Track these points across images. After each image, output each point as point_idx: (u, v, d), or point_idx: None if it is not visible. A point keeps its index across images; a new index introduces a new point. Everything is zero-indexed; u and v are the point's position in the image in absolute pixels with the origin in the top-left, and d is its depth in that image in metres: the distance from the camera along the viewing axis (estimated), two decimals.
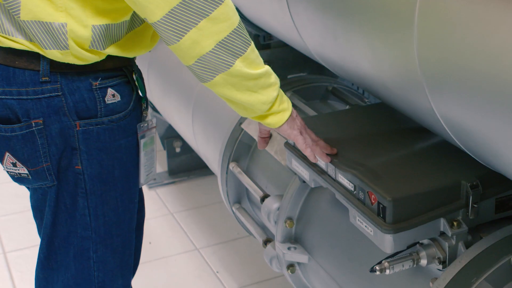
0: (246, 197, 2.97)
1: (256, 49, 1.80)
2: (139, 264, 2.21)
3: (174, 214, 3.92)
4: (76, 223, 1.94)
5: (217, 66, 1.74)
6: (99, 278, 2.00)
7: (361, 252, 2.17)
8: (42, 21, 1.74)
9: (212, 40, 1.71)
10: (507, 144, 1.49)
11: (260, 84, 1.80)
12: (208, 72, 1.76)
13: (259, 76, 1.79)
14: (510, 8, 1.34)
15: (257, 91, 1.81)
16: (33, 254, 2.88)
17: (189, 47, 1.71)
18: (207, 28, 1.69)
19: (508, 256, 1.78)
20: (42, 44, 1.77)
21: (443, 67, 1.55)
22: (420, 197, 1.83)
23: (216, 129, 3.01)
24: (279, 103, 1.87)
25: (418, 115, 1.85)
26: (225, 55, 1.73)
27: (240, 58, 1.75)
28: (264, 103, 1.83)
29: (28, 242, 3.62)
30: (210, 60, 1.73)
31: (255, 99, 1.82)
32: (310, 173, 2.13)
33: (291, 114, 1.92)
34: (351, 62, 2.01)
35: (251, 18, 2.76)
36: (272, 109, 1.87)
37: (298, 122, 1.95)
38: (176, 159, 4.22)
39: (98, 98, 1.85)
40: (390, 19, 1.70)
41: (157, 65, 3.63)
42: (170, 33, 1.70)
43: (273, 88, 1.83)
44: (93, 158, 1.89)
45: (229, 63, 1.74)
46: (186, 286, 3.34)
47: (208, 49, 1.72)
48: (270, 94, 1.83)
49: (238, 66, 1.75)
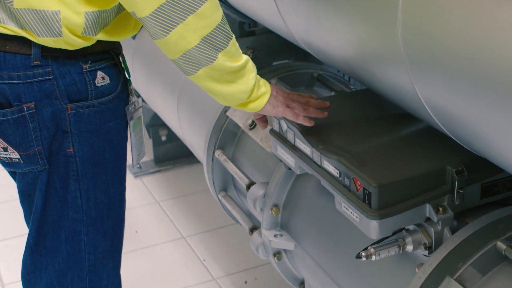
0: (232, 185, 2.96)
1: (236, 42, 1.83)
2: (126, 252, 2.21)
3: (160, 203, 3.91)
4: (67, 206, 1.95)
5: (201, 60, 1.78)
6: (90, 261, 2.02)
7: (347, 238, 2.17)
8: (36, 9, 1.75)
9: (197, 35, 1.74)
10: (491, 129, 1.49)
11: (239, 75, 1.84)
12: (192, 66, 1.79)
13: (239, 68, 1.83)
14: None
15: (236, 81, 1.84)
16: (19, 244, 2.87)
17: (175, 42, 1.74)
18: (193, 23, 1.72)
19: (493, 241, 1.78)
20: (35, 32, 1.78)
21: (427, 51, 1.55)
22: (406, 183, 1.83)
23: (202, 117, 3.01)
24: (257, 89, 1.90)
25: (403, 101, 1.85)
26: (208, 49, 1.77)
27: (222, 52, 1.78)
28: (243, 92, 1.87)
29: (14, 232, 3.60)
30: (195, 55, 1.76)
31: (234, 89, 1.85)
32: (295, 160, 2.13)
33: (271, 93, 1.94)
34: (335, 47, 2.00)
35: (236, 5, 2.75)
36: (251, 96, 1.90)
37: (280, 97, 1.98)
38: (162, 147, 4.22)
39: (89, 81, 1.87)
40: (374, 3, 1.70)
41: (142, 53, 3.62)
42: (158, 28, 1.72)
43: (250, 76, 1.87)
44: (84, 141, 1.90)
45: (213, 57, 1.78)
46: (173, 275, 3.34)
47: (194, 44, 1.75)
48: (248, 82, 1.86)
49: (220, 60, 1.79)
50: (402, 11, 1.58)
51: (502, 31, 1.33)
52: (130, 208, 3.74)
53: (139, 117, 2.07)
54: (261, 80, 1.93)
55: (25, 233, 2.06)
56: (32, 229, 1.99)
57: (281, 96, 1.98)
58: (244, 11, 2.75)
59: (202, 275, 3.32)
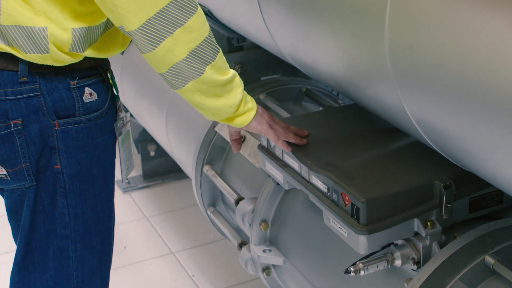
0: (221, 200, 2.96)
1: (223, 56, 1.84)
2: (114, 268, 2.21)
3: (149, 218, 3.90)
4: (55, 222, 1.94)
5: (189, 73, 1.78)
6: (78, 277, 2.01)
7: (335, 253, 2.17)
8: (22, 26, 1.75)
9: (185, 49, 1.74)
10: (478, 144, 1.49)
11: (227, 89, 1.85)
12: (180, 79, 1.79)
13: (227, 82, 1.84)
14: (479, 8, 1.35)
15: (224, 95, 1.85)
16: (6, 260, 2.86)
17: (163, 55, 1.74)
18: (181, 37, 1.72)
19: (482, 256, 1.78)
20: (22, 48, 1.77)
21: (414, 67, 1.55)
22: (394, 198, 1.83)
23: (190, 132, 3.00)
24: (244, 104, 1.91)
25: (391, 116, 1.85)
26: (196, 63, 1.77)
27: (210, 65, 1.79)
28: (230, 106, 1.87)
29: (2, 248, 3.59)
30: (183, 68, 1.77)
31: (221, 104, 1.85)
32: (284, 175, 2.13)
33: (257, 110, 1.95)
34: (323, 63, 2.01)
35: (224, 20, 2.76)
36: (238, 110, 1.91)
37: (265, 116, 1.99)
38: (151, 162, 4.21)
39: (76, 97, 1.86)
40: (361, 20, 1.70)
41: (131, 68, 3.62)
42: (146, 42, 1.72)
43: (238, 91, 1.87)
44: (72, 157, 1.90)
45: (200, 70, 1.78)
46: None
47: (181, 57, 1.75)
48: (235, 97, 1.87)
49: (208, 73, 1.79)
50: (389, 27, 1.59)
51: (487, 47, 1.33)
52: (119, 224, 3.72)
53: (128, 132, 2.07)
54: (248, 96, 1.93)
55: (13, 250, 2.05)
56: (20, 245, 1.98)
57: (266, 115, 2.00)
58: (232, 26, 2.75)
59: None
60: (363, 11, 1.69)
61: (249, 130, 1.99)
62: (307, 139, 2.09)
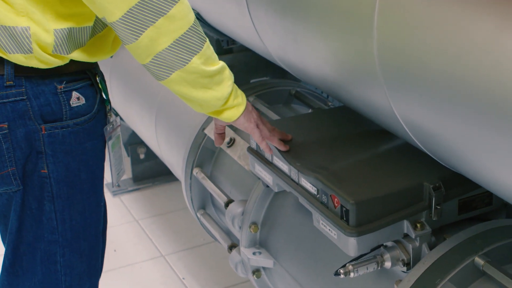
0: (211, 203, 2.96)
1: (211, 46, 1.82)
2: (105, 272, 2.20)
3: (139, 221, 3.89)
4: (42, 227, 1.93)
5: (173, 63, 1.76)
6: (67, 282, 2.00)
7: (325, 255, 2.17)
8: (5, 26, 1.74)
9: (169, 38, 1.73)
10: (466, 145, 1.49)
11: (215, 81, 1.83)
12: (164, 69, 1.77)
13: (215, 73, 1.82)
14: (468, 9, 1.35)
15: (212, 87, 1.83)
16: None
17: (146, 45, 1.73)
18: (164, 26, 1.71)
19: (471, 257, 1.78)
20: (6, 49, 1.76)
21: (402, 69, 1.55)
22: (383, 200, 1.83)
23: (179, 135, 3.00)
24: (234, 98, 1.90)
25: (380, 118, 1.85)
26: (181, 52, 1.75)
27: (198, 55, 1.77)
28: (219, 99, 1.86)
29: None
30: (166, 57, 1.75)
31: (209, 96, 1.84)
32: (273, 178, 2.12)
33: (247, 107, 1.94)
34: (312, 65, 2.01)
35: (213, 23, 2.75)
36: (227, 104, 1.89)
37: (254, 114, 1.98)
38: (140, 165, 4.20)
39: (63, 101, 1.85)
40: (350, 21, 1.71)
41: (120, 71, 3.61)
42: (128, 32, 1.71)
43: (227, 83, 1.86)
44: (59, 162, 1.89)
45: (186, 60, 1.76)
46: None
47: (164, 46, 1.73)
48: (224, 90, 1.85)
49: (195, 63, 1.77)
50: (378, 29, 1.59)
51: (476, 48, 1.33)
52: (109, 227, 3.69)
53: (118, 136, 2.06)
54: (238, 91, 1.92)
55: (1, 254, 2.04)
56: (8, 250, 1.97)
57: (255, 114, 1.99)
58: (221, 29, 2.75)
59: None
60: (351, 13, 1.69)
61: (236, 125, 1.97)
62: (296, 142, 2.09)
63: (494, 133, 1.38)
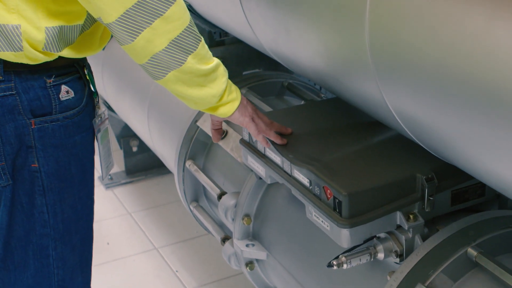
0: (204, 195, 2.96)
1: (206, 45, 1.82)
2: (98, 265, 2.20)
3: (132, 214, 3.89)
4: (34, 221, 1.93)
5: (170, 63, 1.76)
6: (59, 275, 1.99)
7: (318, 247, 2.17)
8: None
9: (165, 39, 1.73)
10: (459, 136, 1.49)
11: (210, 79, 1.84)
12: (161, 69, 1.78)
13: (210, 71, 1.82)
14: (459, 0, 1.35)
15: (207, 85, 1.84)
16: None
17: (142, 46, 1.73)
18: (160, 27, 1.71)
19: (464, 248, 1.79)
20: None
21: (394, 60, 1.55)
22: (376, 191, 1.83)
23: (172, 127, 3.00)
24: (228, 94, 1.90)
25: (372, 109, 1.85)
26: (177, 52, 1.75)
27: (192, 55, 1.77)
28: (214, 96, 1.86)
29: None
30: (163, 58, 1.75)
31: (205, 93, 1.84)
32: (266, 170, 2.12)
33: (241, 101, 1.95)
34: (304, 57, 2.01)
35: (205, 14, 2.75)
36: (222, 100, 1.90)
37: (249, 108, 1.98)
38: (133, 158, 4.20)
39: (53, 95, 1.85)
40: (342, 13, 1.70)
41: (112, 64, 3.60)
42: (125, 34, 1.71)
43: (222, 80, 1.86)
44: (49, 156, 1.88)
45: (181, 60, 1.77)
46: (146, 286, 3.32)
47: (161, 47, 1.73)
48: (219, 86, 1.86)
49: (190, 63, 1.78)
50: (369, 20, 1.58)
51: (468, 39, 1.33)
52: (102, 220, 3.73)
53: (106, 129, 2.05)
54: (232, 86, 1.92)
55: None
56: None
57: (250, 108, 1.99)
58: (213, 21, 2.74)
59: (174, 286, 3.30)
60: (343, 4, 1.69)
61: (231, 120, 1.98)
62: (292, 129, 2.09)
63: (486, 124, 1.38)
